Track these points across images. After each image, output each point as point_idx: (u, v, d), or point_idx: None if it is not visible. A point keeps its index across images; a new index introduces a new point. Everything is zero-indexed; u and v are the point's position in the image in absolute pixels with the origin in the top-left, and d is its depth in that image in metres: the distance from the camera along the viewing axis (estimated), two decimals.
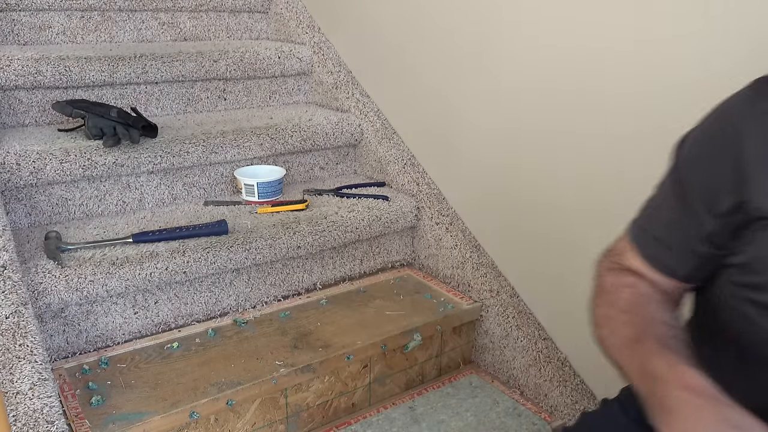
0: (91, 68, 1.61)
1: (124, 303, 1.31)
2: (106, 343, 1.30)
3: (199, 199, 1.63)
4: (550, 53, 1.27)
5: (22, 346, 1.00)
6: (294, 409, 1.27)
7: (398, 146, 1.75)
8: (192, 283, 1.38)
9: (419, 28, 1.61)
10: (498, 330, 1.49)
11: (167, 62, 1.71)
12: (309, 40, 1.98)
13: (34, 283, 1.17)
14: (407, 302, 1.51)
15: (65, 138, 1.48)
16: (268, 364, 1.25)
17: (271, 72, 1.91)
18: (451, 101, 1.55)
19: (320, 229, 1.50)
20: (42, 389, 0.97)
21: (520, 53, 1.34)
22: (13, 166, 1.34)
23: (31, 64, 1.54)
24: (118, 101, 1.69)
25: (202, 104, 1.85)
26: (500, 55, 1.39)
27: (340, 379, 1.33)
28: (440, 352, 1.49)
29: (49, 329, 1.23)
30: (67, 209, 1.46)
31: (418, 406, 1.37)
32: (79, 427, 1.05)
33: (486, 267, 1.53)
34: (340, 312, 1.46)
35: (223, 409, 1.17)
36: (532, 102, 1.33)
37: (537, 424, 1.33)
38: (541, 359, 1.41)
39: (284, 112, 1.85)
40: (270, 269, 1.49)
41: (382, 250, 1.68)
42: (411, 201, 1.67)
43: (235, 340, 1.33)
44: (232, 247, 1.38)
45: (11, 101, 1.57)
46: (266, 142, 1.66)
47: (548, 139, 1.32)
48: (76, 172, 1.41)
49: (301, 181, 1.80)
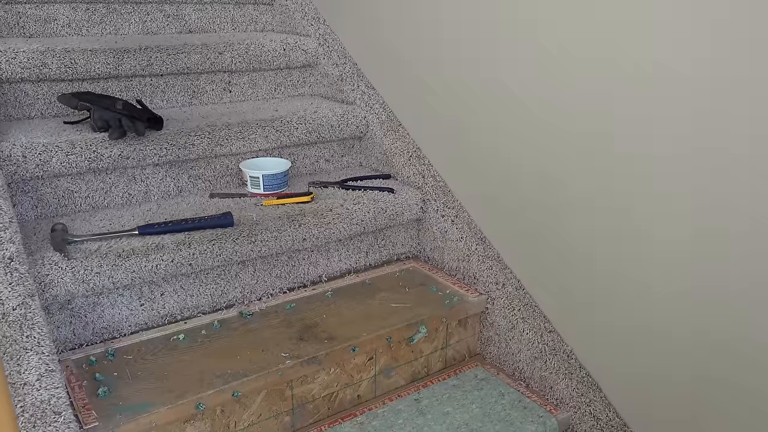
0: (96, 60, 1.61)
1: (130, 295, 1.31)
2: (113, 335, 1.31)
3: (205, 191, 1.63)
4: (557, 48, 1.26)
5: (29, 337, 1.01)
6: (299, 400, 1.28)
7: (404, 138, 1.75)
8: (198, 275, 1.38)
9: (423, 20, 1.60)
10: (503, 322, 1.49)
11: (172, 54, 1.71)
12: (314, 32, 1.97)
13: (41, 275, 1.18)
14: (413, 295, 1.51)
15: (71, 130, 1.48)
16: (274, 356, 1.25)
17: (277, 64, 1.91)
18: (457, 93, 1.54)
19: (326, 222, 1.50)
20: (49, 380, 0.98)
21: (525, 47, 1.33)
22: (19, 159, 1.35)
23: (37, 56, 1.54)
24: (123, 93, 1.69)
25: (207, 96, 1.84)
26: (506, 47, 1.38)
27: (345, 371, 1.33)
28: (446, 344, 1.49)
29: (56, 321, 1.24)
30: (73, 201, 1.46)
31: (423, 398, 1.38)
32: (87, 417, 1.05)
33: (492, 260, 1.53)
34: (346, 304, 1.46)
35: (229, 401, 1.17)
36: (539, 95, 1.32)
37: (542, 417, 1.33)
38: (546, 352, 1.41)
39: (289, 105, 1.85)
40: (275, 261, 1.49)
41: (388, 242, 1.68)
42: (417, 193, 1.66)
43: (240, 332, 1.33)
44: (238, 239, 1.38)
45: (17, 94, 1.57)
46: (271, 135, 1.66)
47: (553, 132, 1.31)
48: (82, 165, 1.42)
49: (307, 173, 1.80)
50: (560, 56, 1.26)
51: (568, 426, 1.37)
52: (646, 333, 1.22)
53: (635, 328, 1.24)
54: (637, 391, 1.27)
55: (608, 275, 1.26)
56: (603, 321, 1.30)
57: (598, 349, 1.33)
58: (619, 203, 1.21)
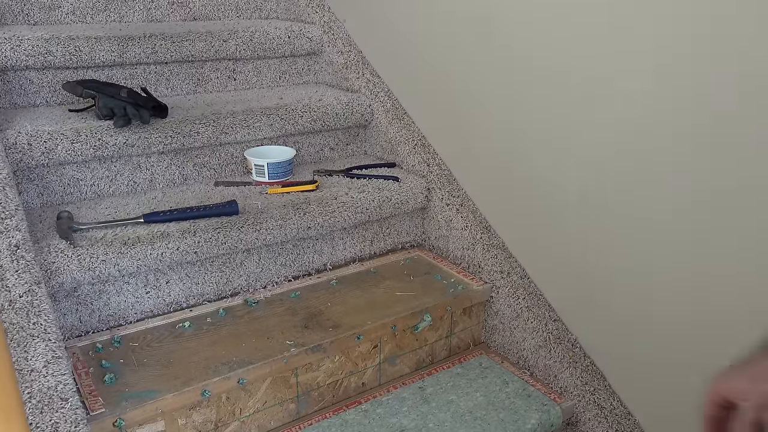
0: (100, 48, 1.60)
1: (135, 282, 1.32)
2: (119, 322, 1.32)
3: (210, 179, 1.63)
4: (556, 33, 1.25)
5: (35, 324, 1.01)
6: (304, 388, 1.28)
7: (409, 127, 1.74)
8: (203, 263, 1.39)
9: (429, 8, 1.59)
10: (508, 311, 1.49)
11: (177, 42, 1.70)
12: (319, 20, 1.96)
13: (47, 262, 1.18)
14: (417, 283, 1.52)
15: (76, 118, 1.48)
16: (279, 344, 1.26)
17: (281, 52, 1.90)
18: (462, 81, 1.53)
19: (330, 210, 1.50)
20: (56, 367, 0.98)
21: (533, 32, 1.32)
22: (24, 147, 1.35)
23: (42, 44, 1.54)
24: (128, 81, 1.68)
25: (212, 84, 1.84)
26: (511, 35, 1.37)
27: (350, 359, 1.33)
28: (450, 332, 1.49)
29: (62, 308, 1.25)
30: (79, 189, 1.46)
31: (428, 386, 1.38)
32: (93, 404, 1.06)
33: (496, 248, 1.53)
34: (351, 292, 1.46)
35: (235, 388, 1.18)
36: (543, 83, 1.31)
37: (547, 405, 1.33)
38: (551, 340, 1.41)
39: (294, 93, 1.84)
40: (280, 250, 1.49)
41: (393, 231, 1.68)
42: (421, 182, 1.66)
43: (245, 320, 1.34)
44: (243, 227, 1.38)
45: (22, 81, 1.57)
46: (276, 123, 1.66)
47: (557, 119, 1.30)
48: (87, 153, 1.42)
49: (312, 161, 1.80)
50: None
51: (572, 414, 1.37)
52: (647, 321, 1.22)
53: (637, 316, 1.23)
54: (642, 379, 1.27)
55: (611, 264, 1.26)
56: (607, 310, 1.30)
57: (603, 338, 1.33)
58: (625, 198, 1.21)
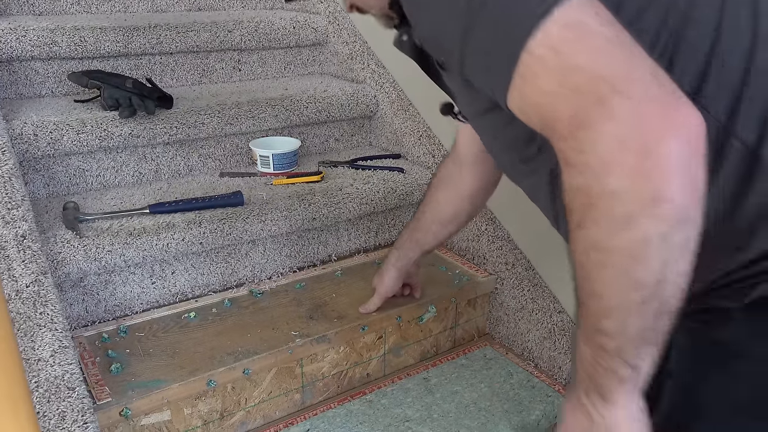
0: (105, 38, 1.60)
1: (141, 273, 1.32)
2: (125, 312, 1.32)
3: (215, 170, 1.63)
4: None
5: (42, 314, 1.02)
6: (309, 378, 1.29)
7: (414, 118, 1.73)
8: (208, 254, 1.39)
9: None
10: (513, 303, 1.49)
11: (182, 32, 1.70)
12: (324, 10, 1.95)
13: (53, 252, 1.19)
14: (422, 274, 1.51)
15: (81, 109, 1.48)
16: (284, 334, 1.26)
17: (286, 42, 1.89)
18: None
19: (335, 201, 1.50)
20: (63, 356, 0.99)
21: None
22: (30, 137, 1.35)
23: (47, 34, 1.53)
24: (133, 72, 1.68)
25: (216, 75, 1.84)
26: None
27: (355, 350, 1.34)
28: (455, 324, 1.50)
29: (69, 298, 1.25)
30: (85, 180, 1.47)
31: (432, 377, 1.38)
32: (100, 393, 1.07)
33: (502, 240, 1.52)
34: (355, 283, 1.46)
35: (240, 378, 1.18)
36: None
37: (551, 396, 1.34)
38: (555, 332, 1.41)
39: (299, 83, 1.84)
40: (285, 240, 1.49)
41: (398, 222, 1.68)
42: (427, 173, 1.66)
43: (251, 311, 1.34)
44: (248, 218, 1.38)
45: (27, 72, 1.57)
46: (281, 114, 1.66)
47: None
48: (92, 143, 1.42)
49: (317, 152, 1.79)
50: None
51: None
52: None
53: None
54: None
55: None
56: None
57: None
58: None
